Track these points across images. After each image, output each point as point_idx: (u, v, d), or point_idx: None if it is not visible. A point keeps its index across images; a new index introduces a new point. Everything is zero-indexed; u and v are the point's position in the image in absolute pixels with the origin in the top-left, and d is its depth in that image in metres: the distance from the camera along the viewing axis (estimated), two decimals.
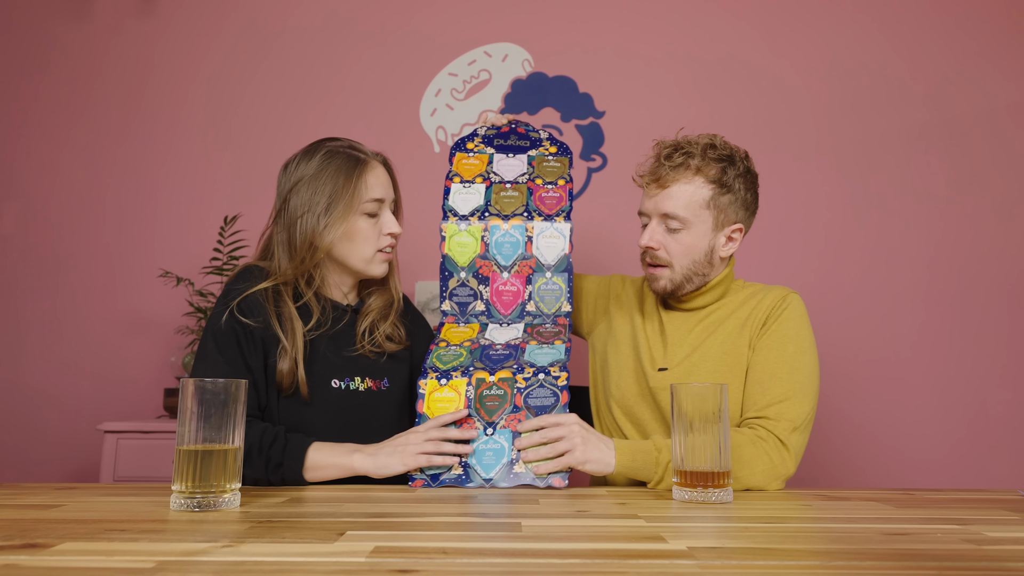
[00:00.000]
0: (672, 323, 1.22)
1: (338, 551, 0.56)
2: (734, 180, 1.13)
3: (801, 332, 1.11)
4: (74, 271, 2.15)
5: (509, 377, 1.04)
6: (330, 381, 1.10)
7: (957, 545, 0.60)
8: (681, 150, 1.13)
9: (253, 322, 1.05)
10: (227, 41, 2.24)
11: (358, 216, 1.12)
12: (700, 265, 1.15)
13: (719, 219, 1.14)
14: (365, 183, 1.12)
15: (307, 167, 1.13)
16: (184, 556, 0.54)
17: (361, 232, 1.13)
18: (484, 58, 2.20)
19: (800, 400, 1.05)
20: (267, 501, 0.83)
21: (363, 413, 1.12)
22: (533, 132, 1.27)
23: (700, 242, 1.14)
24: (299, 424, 1.06)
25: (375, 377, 1.15)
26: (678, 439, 0.86)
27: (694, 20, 2.18)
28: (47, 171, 2.20)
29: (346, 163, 1.13)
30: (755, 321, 1.14)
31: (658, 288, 1.19)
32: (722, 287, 1.20)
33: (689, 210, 1.12)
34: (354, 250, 1.13)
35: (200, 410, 0.76)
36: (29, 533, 0.62)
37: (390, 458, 0.97)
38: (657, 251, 1.15)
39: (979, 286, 2.03)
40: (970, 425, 1.97)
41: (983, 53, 2.11)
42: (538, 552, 0.56)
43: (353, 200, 1.11)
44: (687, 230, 1.13)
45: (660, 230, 1.15)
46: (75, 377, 2.09)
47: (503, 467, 0.97)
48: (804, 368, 1.07)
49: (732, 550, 0.57)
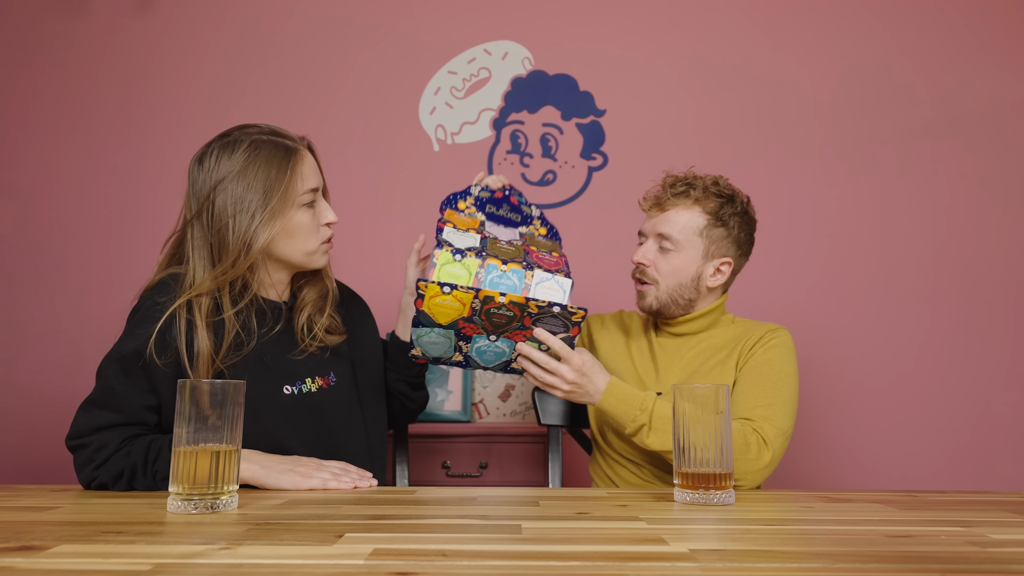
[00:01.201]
0: (663, 348, 1.28)
1: (336, 553, 0.55)
2: (730, 217, 1.22)
3: (786, 360, 1.18)
4: (71, 271, 2.14)
5: (521, 302, 0.98)
6: (282, 388, 1.06)
7: (961, 547, 0.59)
8: (685, 182, 1.24)
9: (161, 362, 0.96)
10: (225, 39, 2.24)
11: (296, 209, 1.05)
12: (685, 289, 1.22)
13: (710, 249, 1.22)
14: (300, 174, 1.05)
15: (230, 162, 1.03)
16: (181, 559, 0.53)
17: (302, 226, 1.06)
18: (484, 56, 2.20)
19: (783, 410, 1.11)
20: (265, 503, 0.82)
21: (321, 413, 1.10)
22: (526, 207, 1.23)
23: (688, 266, 1.21)
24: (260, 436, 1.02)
25: (323, 374, 1.12)
26: (679, 440, 0.86)
27: (697, 17, 2.18)
28: (44, 170, 2.19)
29: (276, 153, 1.05)
30: (743, 348, 1.21)
31: (644, 305, 1.25)
32: (712, 316, 1.26)
33: (683, 234, 1.21)
34: (296, 246, 1.06)
35: (197, 411, 0.75)
36: (24, 535, 0.61)
37: (282, 476, 0.95)
38: (647, 267, 1.23)
39: (984, 286, 2.02)
40: (975, 427, 1.97)
41: (989, 51, 2.11)
42: (538, 554, 0.55)
43: (288, 193, 1.03)
44: (677, 252, 1.21)
45: (653, 249, 1.23)
46: (72, 378, 2.08)
47: (501, 363, 1.08)
48: (787, 387, 1.14)
49: (734, 552, 0.57)
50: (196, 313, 0.99)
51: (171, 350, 0.97)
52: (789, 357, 1.18)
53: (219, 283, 1.02)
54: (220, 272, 1.01)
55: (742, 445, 1.05)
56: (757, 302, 2.02)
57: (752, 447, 1.06)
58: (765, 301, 2.03)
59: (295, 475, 0.95)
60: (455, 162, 2.16)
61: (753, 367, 1.17)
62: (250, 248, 1.01)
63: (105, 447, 0.94)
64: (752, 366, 1.17)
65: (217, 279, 1.01)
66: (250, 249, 1.01)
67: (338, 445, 1.11)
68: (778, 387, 1.13)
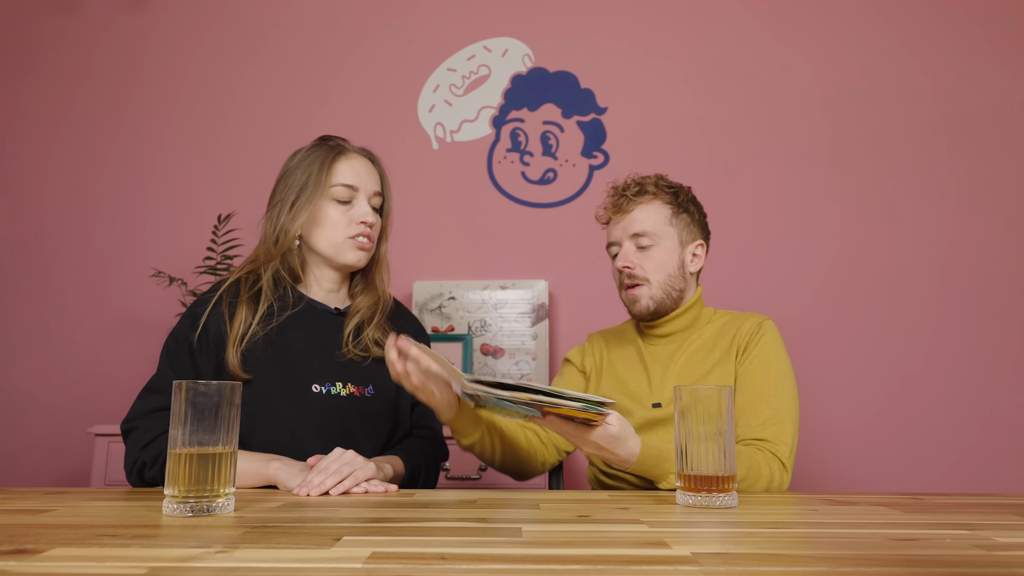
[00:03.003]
0: (652, 354, 1.28)
1: (334, 557, 0.54)
2: (687, 203, 1.27)
3: (780, 355, 1.19)
4: (64, 271, 2.13)
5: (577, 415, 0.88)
6: (311, 386, 1.09)
7: (967, 551, 0.59)
8: (636, 183, 1.27)
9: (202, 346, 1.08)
10: (220, 36, 2.23)
11: (326, 201, 1.14)
12: (675, 279, 1.24)
13: (682, 235, 1.25)
14: (335, 169, 1.15)
15: (293, 159, 1.18)
16: (177, 562, 0.53)
17: (328, 217, 1.14)
18: (483, 53, 2.19)
19: (790, 423, 1.12)
20: (262, 506, 0.81)
21: (345, 419, 1.10)
22: None
23: (671, 256, 1.24)
24: (280, 428, 1.06)
25: (359, 383, 1.13)
26: (681, 442, 0.85)
27: (700, 13, 2.17)
28: (36, 168, 2.18)
29: (324, 153, 1.16)
30: (737, 347, 1.21)
31: (641, 308, 1.25)
32: (694, 311, 1.28)
33: (656, 226, 1.24)
34: (322, 235, 1.14)
35: (193, 413, 0.74)
36: (18, 539, 0.61)
37: (293, 479, 0.97)
38: (633, 269, 1.23)
39: (991, 286, 2.01)
40: (981, 429, 1.95)
41: (996, 48, 2.10)
42: (539, 558, 0.55)
43: (320, 184, 1.13)
44: (657, 246, 1.23)
45: (632, 250, 1.24)
46: (65, 379, 2.07)
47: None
48: (788, 391, 1.16)
49: (737, 556, 0.56)
50: (242, 288, 1.12)
51: (215, 339, 1.08)
52: (781, 351, 1.20)
53: (258, 264, 1.14)
54: (263, 252, 1.15)
55: (766, 477, 1.05)
56: (760, 301, 2.01)
57: (776, 477, 1.06)
58: (769, 301, 2.03)
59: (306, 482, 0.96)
60: (454, 160, 2.15)
61: (753, 371, 1.17)
62: (286, 231, 1.13)
63: (152, 428, 1.02)
64: (751, 370, 1.17)
65: (268, 255, 1.14)
66: (286, 234, 1.13)
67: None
68: (780, 394, 1.14)
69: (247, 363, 1.07)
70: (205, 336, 1.08)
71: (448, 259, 2.12)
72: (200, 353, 1.07)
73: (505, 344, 2.04)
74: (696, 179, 2.10)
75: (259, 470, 1.00)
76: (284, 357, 1.09)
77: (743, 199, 2.09)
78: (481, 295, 2.07)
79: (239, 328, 1.08)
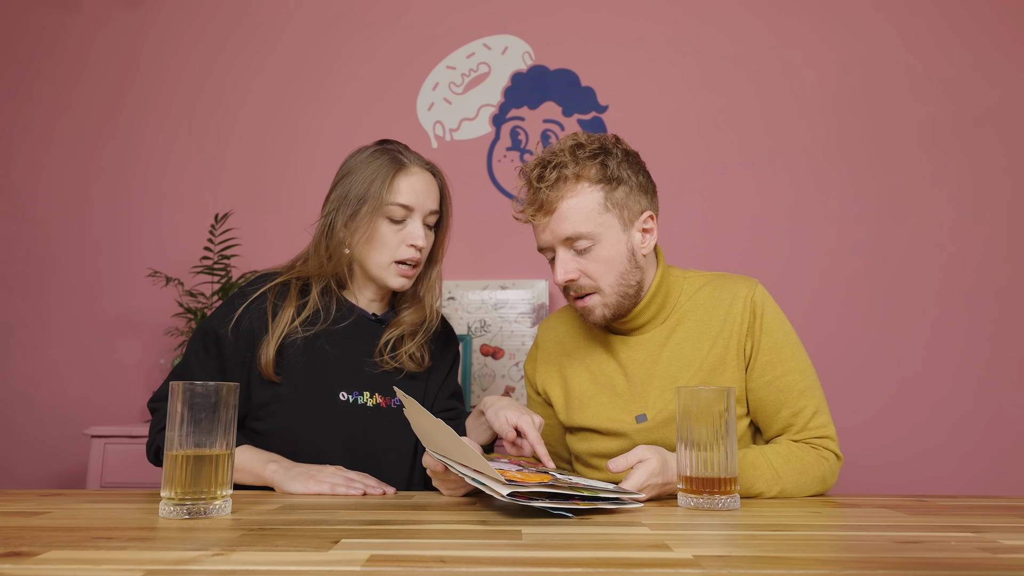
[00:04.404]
0: (628, 356, 1.09)
1: (332, 559, 0.54)
2: (619, 168, 1.02)
3: (785, 326, 1.06)
4: (60, 270, 2.12)
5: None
6: (338, 393, 1.08)
7: (972, 553, 0.58)
8: (550, 164, 1.01)
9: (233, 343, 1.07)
10: (218, 33, 2.22)
11: (381, 218, 1.10)
12: (628, 274, 1.03)
13: (624, 216, 1.02)
14: (395, 186, 1.09)
15: (355, 159, 1.13)
16: (173, 565, 0.52)
17: (380, 236, 1.10)
18: (483, 51, 2.18)
19: (824, 407, 1.06)
20: (259, 508, 0.81)
21: (368, 429, 1.10)
22: None
23: (617, 249, 1.02)
24: (302, 433, 1.06)
25: (387, 394, 1.12)
26: (683, 445, 0.84)
27: (701, 12, 2.16)
28: (31, 167, 2.18)
29: (387, 163, 1.10)
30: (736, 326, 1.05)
31: (596, 319, 1.06)
32: (661, 293, 1.08)
33: (590, 220, 1.00)
34: (372, 255, 1.11)
35: (189, 414, 0.74)
36: (13, 541, 0.60)
37: (294, 481, 0.96)
38: (578, 280, 1.03)
39: (994, 285, 2.00)
40: (985, 430, 1.94)
41: (997, 46, 2.09)
42: (539, 560, 0.54)
43: (380, 201, 1.08)
44: (598, 244, 1.01)
45: (570, 257, 1.02)
46: (61, 380, 2.06)
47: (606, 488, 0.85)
48: (808, 368, 1.07)
49: (739, 559, 0.56)
50: (292, 291, 1.10)
51: (246, 334, 1.07)
52: (784, 324, 1.06)
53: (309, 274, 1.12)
54: (316, 265, 1.12)
55: (830, 478, 1.02)
56: None
57: (836, 472, 1.03)
58: None
59: (306, 478, 0.96)
60: (454, 159, 2.14)
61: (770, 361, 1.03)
62: (341, 248, 1.11)
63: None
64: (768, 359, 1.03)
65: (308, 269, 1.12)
66: (341, 249, 1.11)
67: (378, 464, 1.10)
68: (806, 376, 1.04)
69: (279, 365, 1.07)
70: (236, 330, 1.07)
71: (447, 259, 2.09)
72: (228, 346, 1.07)
73: (505, 344, 2.03)
74: (696, 178, 2.10)
75: (256, 470, 1.00)
76: (316, 363, 1.08)
77: (743, 198, 2.09)
78: (481, 295, 2.06)
79: (281, 330, 1.07)
